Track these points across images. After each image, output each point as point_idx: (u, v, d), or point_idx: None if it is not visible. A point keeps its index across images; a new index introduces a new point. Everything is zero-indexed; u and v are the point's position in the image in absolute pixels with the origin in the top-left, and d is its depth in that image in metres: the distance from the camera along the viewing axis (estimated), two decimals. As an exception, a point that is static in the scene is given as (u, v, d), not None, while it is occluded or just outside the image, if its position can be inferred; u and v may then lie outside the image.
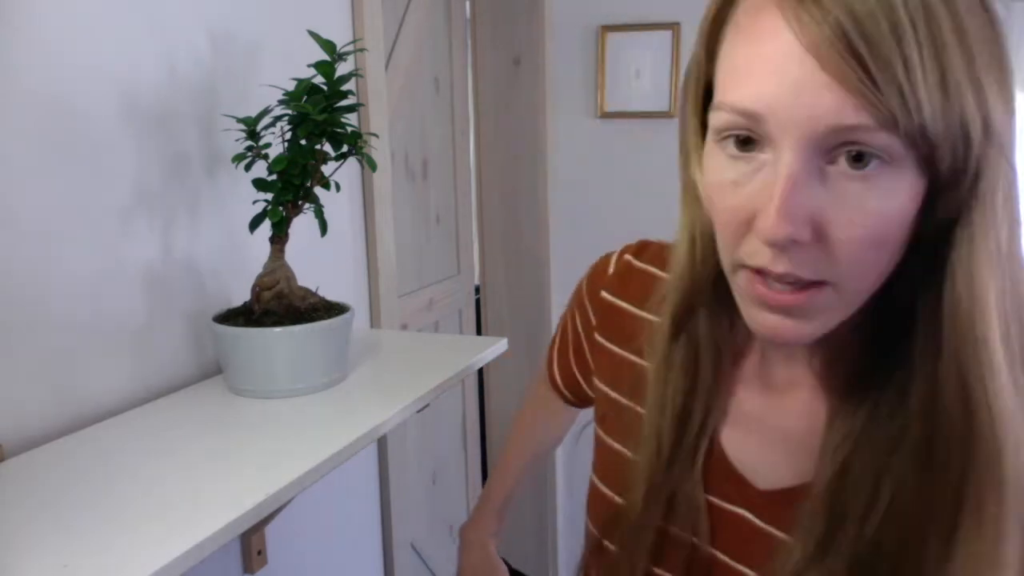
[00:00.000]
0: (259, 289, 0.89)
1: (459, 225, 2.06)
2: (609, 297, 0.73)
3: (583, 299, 0.77)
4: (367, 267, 1.37)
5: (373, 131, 1.31)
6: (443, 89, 1.92)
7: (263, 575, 1.13)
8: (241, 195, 0.97)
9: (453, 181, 2.01)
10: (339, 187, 0.93)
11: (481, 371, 2.39)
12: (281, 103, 0.86)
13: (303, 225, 0.92)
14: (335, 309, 0.92)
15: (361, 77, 1.26)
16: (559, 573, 2.53)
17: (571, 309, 0.81)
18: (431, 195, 1.89)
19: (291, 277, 0.91)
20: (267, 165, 0.87)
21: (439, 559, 1.94)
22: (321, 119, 0.84)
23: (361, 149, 0.89)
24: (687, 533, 0.62)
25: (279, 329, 0.86)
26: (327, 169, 0.89)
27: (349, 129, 0.88)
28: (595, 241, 0.78)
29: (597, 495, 0.71)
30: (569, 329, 0.81)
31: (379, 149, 1.34)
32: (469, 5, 2.16)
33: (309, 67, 0.86)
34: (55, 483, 0.69)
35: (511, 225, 2.30)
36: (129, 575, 0.54)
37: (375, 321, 1.40)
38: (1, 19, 0.74)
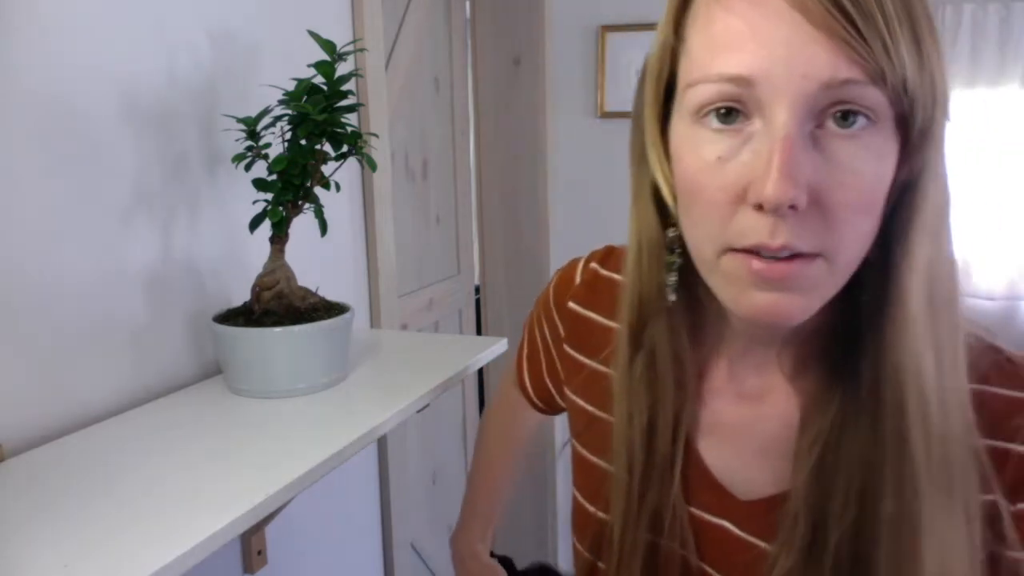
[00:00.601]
0: (259, 289, 0.89)
1: (459, 225, 2.06)
2: (577, 308, 0.72)
3: (551, 309, 0.76)
4: (367, 267, 1.37)
5: (373, 131, 1.31)
6: (443, 89, 1.92)
7: (263, 575, 1.13)
8: (241, 195, 0.97)
9: (453, 181, 2.01)
10: (339, 187, 0.93)
11: (481, 371, 2.39)
12: (281, 103, 0.86)
13: (303, 225, 0.92)
14: (335, 309, 0.92)
15: (361, 77, 1.26)
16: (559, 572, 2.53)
17: (538, 317, 0.79)
18: (431, 195, 1.88)
19: (291, 277, 0.91)
20: (267, 165, 0.87)
21: (439, 559, 1.94)
22: (321, 119, 0.84)
23: (361, 149, 0.89)
24: (676, 546, 0.61)
25: (279, 329, 0.86)
26: (327, 169, 0.89)
27: (349, 129, 0.88)
28: (595, 241, 0.78)
29: (580, 511, 0.71)
30: (537, 338, 0.80)
31: (379, 149, 1.34)
32: (469, 5, 2.16)
33: (309, 67, 0.86)
34: (55, 483, 0.69)
35: (511, 225, 2.30)
36: (129, 575, 0.54)
37: (375, 321, 1.40)
38: (1, 19, 0.74)
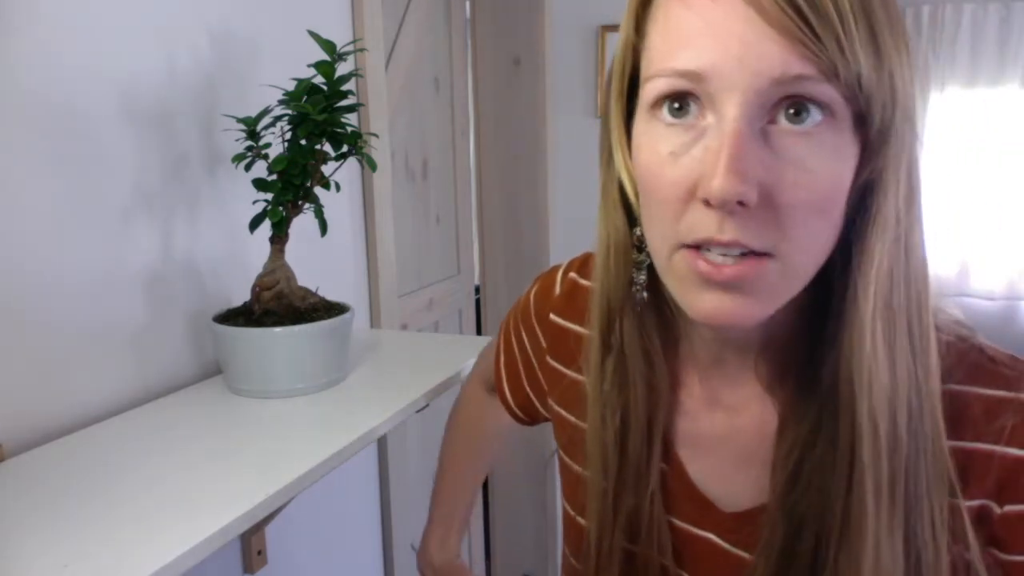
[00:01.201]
0: (259, 289, 0.89)
1: (459, 225, 2.06)
2: (558, 320, 0.72)
3: (532, 321, 0.75)
4: (367, 267, 1.37)
5: (373, 131, 1.31)
6: (443, 89, 1.92)
7: (263, 575, 1.13)
8: (241, 195, 0.97)
9: (453, 181, 2.01)
10: (339, 187, 0.93)
11: (481, 371, 2.39)
12: (281, 103, 0.86)
13: (303, 225, 0.92)
14: (335, 309, 0.92)
15: (361, 77, 1.26)
16: (559, 573, 2.53)
17: (516, 327, 0.78)
18: (431, 195, 1.88)
19: (291, 277, 0.91)
20: (267, 165, 0.87)
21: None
22: (321, 119, 0.84)
23: (361, 149, 0.89)
24: (654, 553, 0.61)
25: (279, 329, 0.86)
26: (327, 169, 0.89)
27: (349, 129, 0.88)
28: (595, 241, 0.77)
29: (568, 520, 0.71)
30: (516, 349, 0.78)
31: (379, 149, 1.34)
32: (469, 5, 2.16)
33: (309, 67, 0.86)
34: (55, 483, 0.69)
35: (511, 225, 2.30)
36: (129, 575, 0.54)
37: (375, 321, 1.40)
38: (1, 19, 0.74)
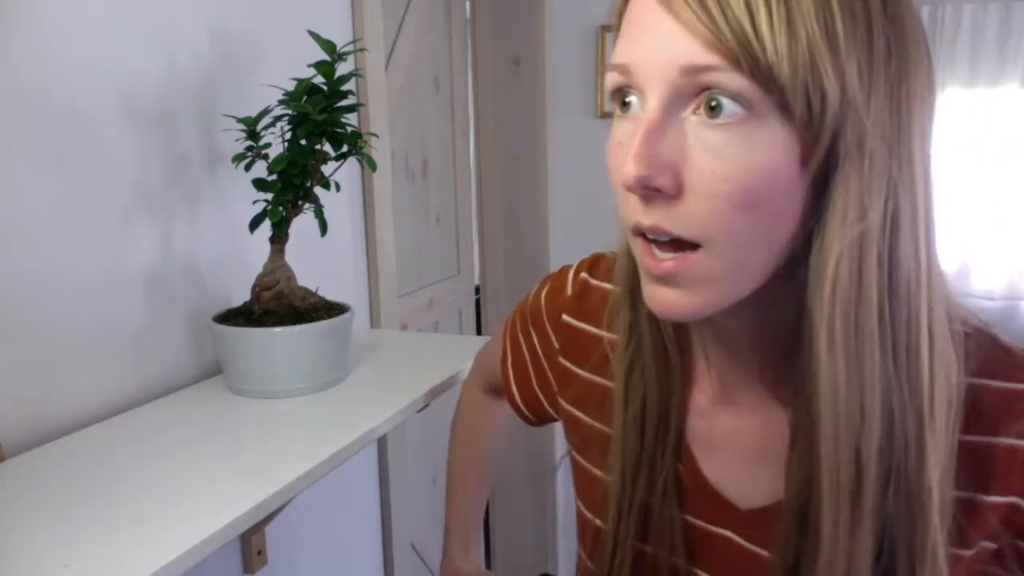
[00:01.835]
0: (259, 289, 0.89)
1: (459, 225, 2.06)
2: (571, 320, 0.72)
3: (543, 321, 0.75)
4: (367, 267, 1.37)
5: (373, 131, 1.31)
6: (443, 89, 1.92)
7: (263, 575, 1.13)
8: (241, 195, 0.97)
9: (453, 181, 2.01)
10: (339, 187, 0.93)
11: (481, 371, 2.39)
12: (281, 103, 0.86)
13: (303, 225, 0.92)
14: (335, 309, 0.92)
15: (361, 77, 1.26)
16: (559, 573, 2.53)
17: (524, 327, 0.78)
18: (431, 195, 1.88)
19: (291, 277, 0.91)
20: (267, 165, 0.87)
21: (439, 559, 1.93)
22: (321, 119, 0.84)
23: (361, 149, 0.89)
24: (664, 552, 0.62)
25: (279, 329, 0.86)
26: (327, 169, 0.89)
27: (349, 129, 0.88)
28: (595, 241, 0.77)
29: (582, 520, 0.71)
30: (525, 350, 0.78)
31: (379, 149, 1.34)
32: (469, 5, 2.16)
33: (309, 67, 0.86)
34: (55, 483, 0.69)
35: (511, 225, 2.30)
36: (129, 575, 0.54)
37: (375, 321, 1.40)
38: (1, 19, 0.74)
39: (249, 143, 0.87)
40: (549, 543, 2.47)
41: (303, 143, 0.87)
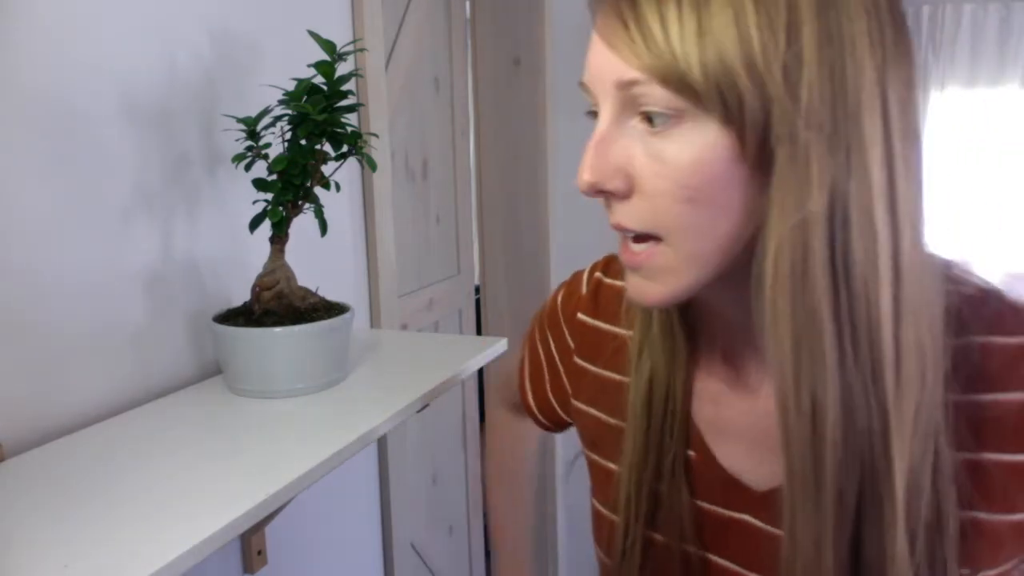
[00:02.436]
0: (259, 289, 0.89)
1: (459, 225, 2.06)
2: (585, 318, 0.73)
3: (559, 323, 0.76)
4: (367, 267, 1.37)
5: (373, 131, 1.31)
6: (443, 89, 1.92)
7: (263, 575, 1.13)
8: (241, 195, 0.97)
9: (453, 181, 2.01)
10: (339, 187, 0.93)
11: (481, 371, 2.39)
12: (281, 103, 0.86)
13: (303, 225, 0.92)
14: (335, 309, 0.92)
15: (361, 77, 1.26)
16: (559, 573, 2.53)
17: (542, 332, 0.79)
18: (431, 195, 1.88)
19: (291, 277, 0.91)
20: (267, 165, 0.87)
21: (439, 559, 1.94)
22: (321, 119, 0.84)
23: (361, 149, 0.89)
24: (675, 540, 0.62)
25: (279, 329, 0.86)
26: (327, 169, 0.89)
27: (349, 129, 0.88)
28: (595, 241, 0.78)
29: (598, 518, 0.71)
30: (541, 354, 0.79)
31: (379, 149, 1.34)
32: (469, 5, 2.16)
33: (309, 67, 0.86)
34: (55, 483, 0.69)
35: (511, 225, 2.30)
36: (129, 575, 0.54)
37: (375, 321, 1.40)
38: (1, 19, 0.74)
39: (249, 143, 0.87)
40: (549, 543, 2.47)
41: (303, 143, 0.87)
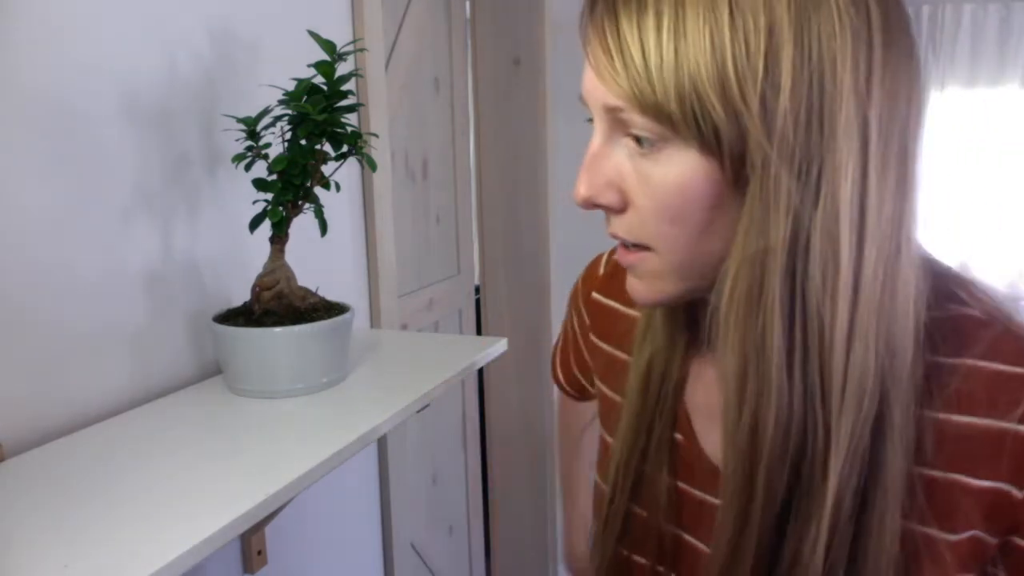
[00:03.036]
0: (259, 289, 0.89)
1: (459, 225, 2.06)
2: (600, 298, 0.76)
3: (579, 302, 0.80)
4: (367, 267, 1.37)
5: (373, 131, 1.31)
6: (443, 89, 1.92)
7: (263, 575, 1.13)
8: (241, 195, 0.97)
9: (453, 181, 2.01)
10: (339, 187, 0.93)
11: (481, 371, 2.39)
12: (281, 103, 0.86)
13: (303, 225, 0.92)
14: (335, 309, 0.92)
15: (361, 77, 1.26)
16: (559, 573, 2.53)
17: (568, 312, 0.84)
18: (431, 195, 1.88)
19: (291, 277, 0.91)
20: (267, 165, 0.87)
21: (439, 559, 1.94)
22: (321, 119, 0.84)
23: (361, 149, 0.89)
24: (654, 516, 0.65)
25: (279, 329, 0.86)
26: (327, 169, 0.89)
27: (349, 129, 0.88)
28: (595, 241, 0.79)
29: (596, 487, 0.74)
30: (568, 330, 0.84)
31: (379, 149, 1.34)
32: (469, 5, 2.16)
33: (309, 67, 0.86)
34: (55, 483, 0.69)
35: (511, 225, 2.30)
36: (129, 575, 0.54)
37: (375, 321, 1.40)
38: (1, 19, 0.74)
39: (249, 143, 0.87)
40: (549, 543, 2.47)
41: (303, 143, 0.87)
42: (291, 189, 0.87)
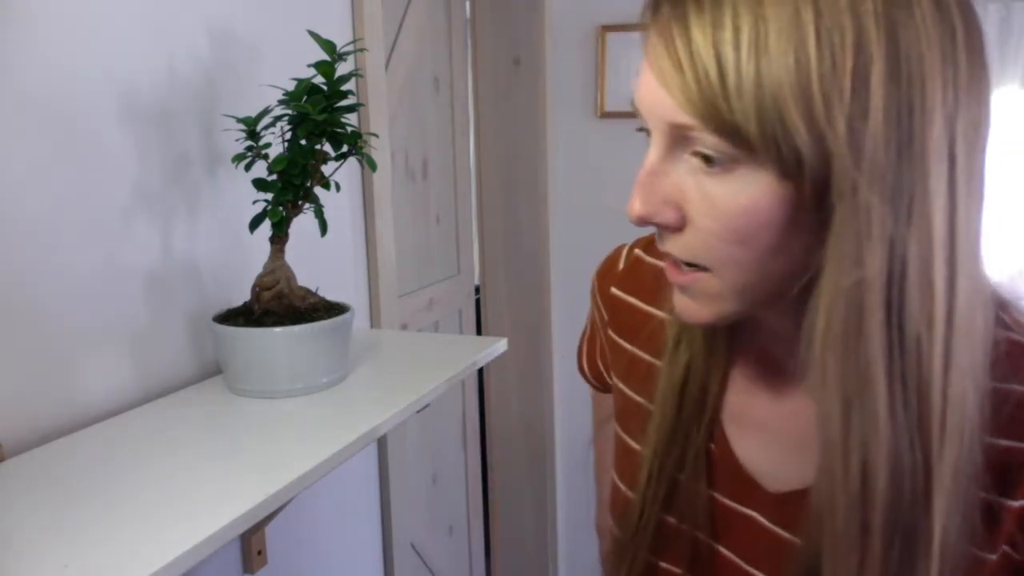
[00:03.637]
0: (259, 289, 0.89)
1: (459, 225, 2.06)
2: (619, 293, 0.74)
3: (596, 295, 0.78)
4: (367, 267, 1.37)
5: (373, 131, 1.31)
6: (443, 89, 1.92)
7: (263, 575, 1.13)
8: (241, 195, 0.97)
9: (453, 181, 2.01)
10: (339, 187, 0.93)
11: (481, 371, 2.39)
12: (281, 103, 0.86)
13: (303, 225, 0.92)
14: (335, 309, 0.92)
15: (361, 77, 1.26)
16: (559, 573, 2.53)
17: (591, 304, 0.81)
18: (431, 195, 1.88)
19: (291, 277, 0.91)
20: (267, 165, 0.87)
21: (439, 559, 1.94)
22: (321, 119, 0.84)
23: (361, 149, 0.89)
24: (687, 526, 0.63)
25: (279, 329, 0.86)
26: (327, 169, 0.89)
27: (349, 129, 0.88)
28: (595, 241, 0.78)
29: (615, 491, 0.72)
30: (590, 324, 0.82)
31: (379, 149, 1.34)
32: (469, 5, 2.16)
33: (309, 67, 0.86)
34: (55, 483, 0.69)
35: (511, 225, 2.30)
36: (129, 575, 0.54)
37: (375, 321, 1.40)
38: (1, 19, 0.74)
39: (249, 143, 0.87)
40: (549, 543, 2.47)
41: (303, 143, 0.87)
42: (291, 189, 0.87)
